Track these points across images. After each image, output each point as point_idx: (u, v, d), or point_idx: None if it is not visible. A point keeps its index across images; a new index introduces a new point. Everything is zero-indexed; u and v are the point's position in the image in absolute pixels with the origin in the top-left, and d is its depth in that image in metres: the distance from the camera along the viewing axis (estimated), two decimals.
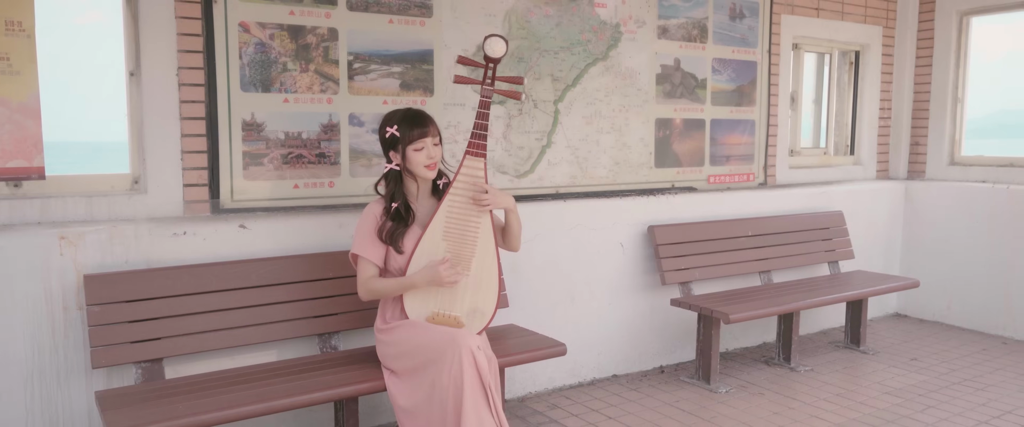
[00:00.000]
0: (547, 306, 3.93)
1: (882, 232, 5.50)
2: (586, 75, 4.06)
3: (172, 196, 3.05)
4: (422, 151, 2.71)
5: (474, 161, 2.75)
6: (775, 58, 4.88)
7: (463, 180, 2.75)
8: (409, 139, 2.70)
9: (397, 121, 2.73)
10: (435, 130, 2.76)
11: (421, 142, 2.71)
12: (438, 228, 2.72)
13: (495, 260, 2.75)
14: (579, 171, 4.10)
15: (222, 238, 3.02)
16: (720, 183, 4.71)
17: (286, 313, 3.03)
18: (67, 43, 32.84)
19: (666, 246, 4.20)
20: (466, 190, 2.74)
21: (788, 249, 4.73)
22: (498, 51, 2.76)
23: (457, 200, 2.74)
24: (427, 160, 2.73)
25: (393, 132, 2.71)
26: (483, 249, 2.74)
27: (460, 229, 2.73)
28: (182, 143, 3.05)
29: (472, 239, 2.73)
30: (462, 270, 2.70)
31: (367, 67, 3.41)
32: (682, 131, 4.50)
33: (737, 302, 4.04)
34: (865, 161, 5.58)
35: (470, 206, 2.73)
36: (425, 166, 2.73)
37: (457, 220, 2.73)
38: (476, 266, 2.73)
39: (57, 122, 7.14)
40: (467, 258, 2.73)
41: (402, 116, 2.74)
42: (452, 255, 2.71)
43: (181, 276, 2.85)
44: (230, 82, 3.11)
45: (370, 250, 2.72)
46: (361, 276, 2.74)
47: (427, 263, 2.69)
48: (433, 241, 2.72)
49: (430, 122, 2.75)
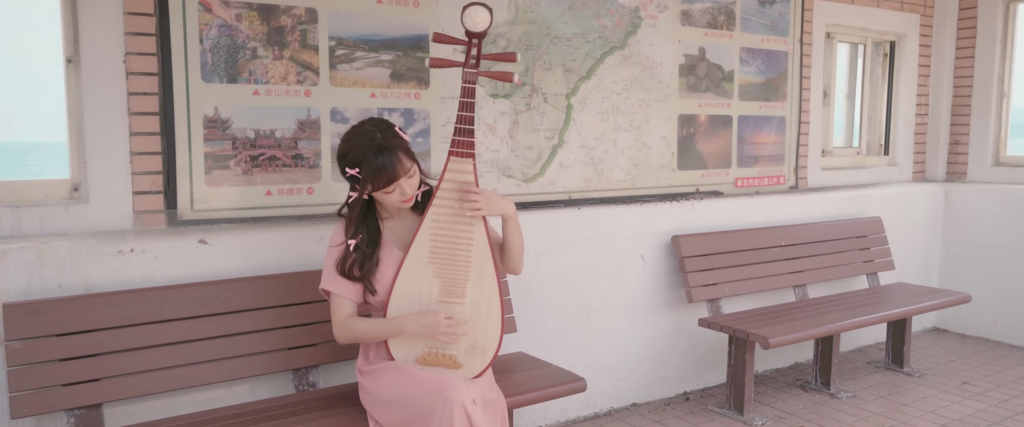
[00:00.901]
0: (558, 328, 3.45)
1: (920, 240, 5.03)
2: (602, 65, 3.59)
3: (119, 206, 2.57)
4: (394, 193, 2.21)
5: (460, 163, 2.26)
6: (807, 48, 4.41)
7: (448, 188, 2.26)
8: (377, 187, 2.18)
9: (361, 163, 2.16)
10: (408, 164, 2.20)
11: (393, 186, 2.20)
12: (422, 249, 2.24)
13: (495, 282, 2.27)
14: (594, 174, 3.62)
15: (178, 256, 2.54)
16: (748, 187, 4.23)
17: (255, 345, 2.55)
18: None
19: (693, 258, 3.72)
20: (453, 200, 2.26)
21: (824, 260, 4.26)
22: (480, 23, 2.23)
23: (443, 213, 2.25)
24: (401, 197, 2.23)
25: (354, 175, 2.19)
26: (479, 270, 2.25)
27: (449, 248, 2.24)
28: (131, 143, 2.57)
29: (465, 259, 2.24)
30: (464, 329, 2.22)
31: (352, 54, 2.93)
32: (707, 129, 4.02)
33: (773, 322, 3.58)
34: (900, 162, 5.11)
35: (459, 218, 2.25)
36: (401, 201, 2.24)
37: (445, 237, 2.24)
38: (472, 293, 2.25)
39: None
40: (460, 283, 2.24)
41: (367, 158, 2.15)
42: (442, 281, 2.23)
43: (126, 303, 2.37)
44: (189, 71, 2.64)
45: (342, 285, 2.24)
46: (335, 315, 2.26)
47: (423, 310, 2.21)
48: (417, 266, 2.23)
49: (397, 162, 2.16)
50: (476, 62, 2.29)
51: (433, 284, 2.23)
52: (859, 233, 4.48)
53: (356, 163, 2.16)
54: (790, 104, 4.38)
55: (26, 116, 2.60)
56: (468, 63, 2.28)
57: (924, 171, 5.26)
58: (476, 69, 2.28)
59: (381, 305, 2.26)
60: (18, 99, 2.60)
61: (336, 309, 2.25)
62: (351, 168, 2.17)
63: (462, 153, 2.25)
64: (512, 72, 2.37)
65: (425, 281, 2.23)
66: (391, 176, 2.16)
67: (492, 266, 2.26)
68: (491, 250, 2.26)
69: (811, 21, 4.41)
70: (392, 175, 2.16)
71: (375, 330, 2.22)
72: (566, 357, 3.43)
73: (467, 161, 2.25)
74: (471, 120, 2.25)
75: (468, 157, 2.25)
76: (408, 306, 2.23)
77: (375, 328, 2.22)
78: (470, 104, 2.25)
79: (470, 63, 2.28)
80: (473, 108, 2.26)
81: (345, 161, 2.19)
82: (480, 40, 2.28)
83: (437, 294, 2.23)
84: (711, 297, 3.74)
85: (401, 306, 2.23)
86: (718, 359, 4.03)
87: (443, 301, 2.23)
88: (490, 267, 2.26)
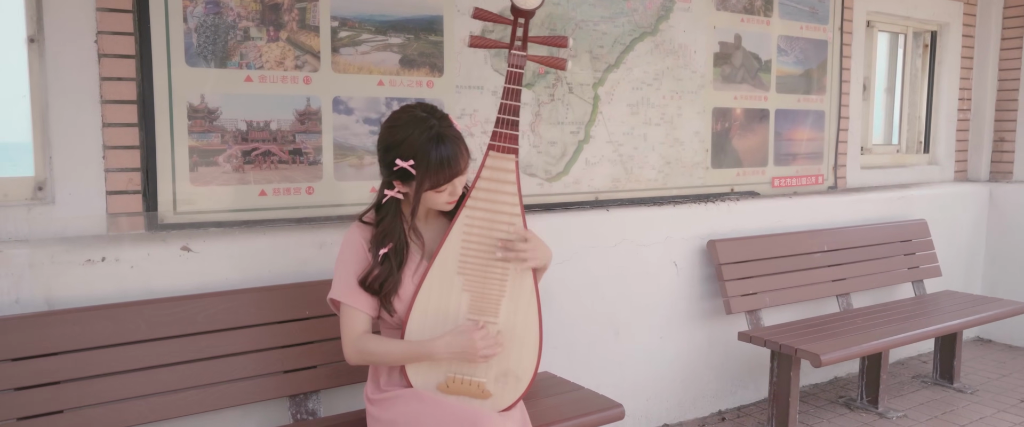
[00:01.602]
0: (586, 343, 3.12)
1: (963, 244, 4.70)
2: (632, 53, 3.25)
3: (90, 207, 2.23)
4: (445, 192, 1.87)
5: (501, 160, 1.93)
6: (847, 37, 4.08)
7: (486, 187, 1.93)
8: (434, 184, 1.84)
9: (417, 154, 1.81)
10: (466, 163, 1.88)
11: (448, 185, 1.87)
12: (451, 257, 1.90)
13: (533, 299, 1.94)
14: (623, 172, 3.28)
15: (157, 265, 2.21)
16: (785, 186, 3.90)
17: (246, 368, 2.22)
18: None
19: (730, 265, 3.38)
20: (491, 201, 1.92)
21: (868, 266, 3.93)
22: (531, 0, 1.93)
23: (478, 216, 1.92)
24: (450, 197, 1.89)
25: (407, 168, 1.83)
26: (516, 284, 1.92)
27: (483, 257, 1.91)
28: (104, 135, 2.23)
29: (500, 271, 1.91)
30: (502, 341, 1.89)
31: (357, 37, 2.60)
32: (743, 124, 3.69)
33: (820, 336, 3.24)
34: (942, 160, 4.77)
35: (496, 222, 1.91)
36: (449, 202, 1.91)
37: (478, 244, 1.91)
38: (507, 310, 1.92)
39: None
40: (493, 299, 1.91)
41: (426, 148, 1.81)
42: (472, 295, 1.90)
43: (95, 320, 2.03)
44: (171, 53, 2.30)
45: (357, 295, 1.90)
46: (348, 332, 1.91)
47: (455, 328, 1.86)
48: (444, 277, 1.90)
49: (463, 160, 1.86)
50: (523, 44, 1.96)
51: (461, 299, 1.90)
52: (903, 237, 4.15)
53: (411, 154, 1.81)
54: (829, 97, 4.04)
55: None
56: (514, 45, 1.95)
57: (966, 170, 4.92)
58: (524, 51, 1.95)
59: (398, 321, 1.92)
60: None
61: (349, 324, 1.91)
62: (404, 160, 1.81)
63: (504, 148, 1.91)
64: (565, 59, 2.05)
65: (452, 295, 1.89)
66: (454, 170, 1.83)
67: (531, 282, 1.93)
68: None
69: (851, 8, 4.07)
70: (455, 169, 1.83)
71: (397, 353, 1.87)
72: (594, 375, 3.10)
73: (510, 158, 1.91)
74: (517, 110, 1.92)
75: (511, 153, 1.91)
76: (431, 323, 1.89)
77: (397, 351, 1.87)
78: (516, 92, 1.92)
79: (516, 45, 1.95)
80: (520, 96, 1.93)
81: (395, 152, 1.82)
82: (528, 19, 1.96)
83: (465, 310, 1.90)
84: (751, 308, 3.40)
85: (423, 323, 1.89)
86: (755, 374, 3.69)
87: (471, 318, 1.89)
88: (529, 282, 1.92)
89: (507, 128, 1.92)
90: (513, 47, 1.95)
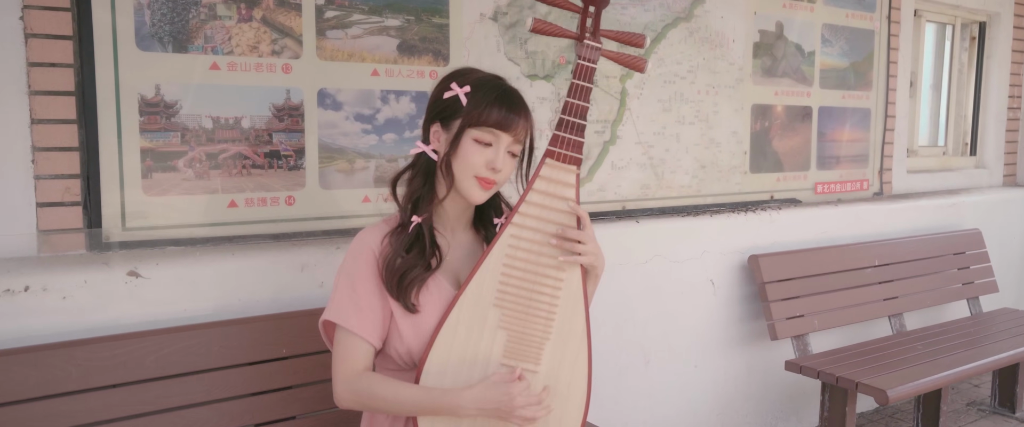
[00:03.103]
0: (614, 372, 2.71)
1: (1015, 255, 4.29)
2: (664, 41, 2.84)
3: (16, 223, 1.80)
4: (487, 149, 1.48)
5: (560, 171, 1.52)
6: (895, 27, 3.67)
7: (539, 202, 1.52)
8: (480, 119, 1.46)
9: (473, 82, 1.50)
10: (524, 129, 1.52)
11: (493, 133, 1.47)
12: (487, 286, 1.49)
13: (584, 345, 1.53)
14: (653, 178, 2.87)
15: (97, 295, 1.78)
16: (829, 193, 3.49)
17: (210, 422, 1.80)
18: None
19: (775, 284, 2.97)
20: (543, 222, 1.51)
21: (920, 283, 3.52)
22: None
23: (526, 237, 1.51)
24: (486, 166, 1.47)
25: (460, 94, 1.48)
26: (565, 326, 1.51)
27: (527, 290, 1.50)
28: (33, 134, 1.81)
29: (547, 309, 1.50)
30: (550, 403, 1.47)
31: (347, 17, 2.18)
32: (784, 123, 3.27)
33: (877, 365, 2.83)
34: (990, 163, 4.37)
35: (547, 248, 1.51)
36: (477, 176, 1.48)
37: (522, 273, 1.50)
38: (550, 357, 1.51)
39: None
40: (536, 342, 1.50)
41: (485, 79, 1.52)
42: (510, 335, 1.49)
43: (13, 366, 1.61)
44: (118, 34, 1.88)
45: (361, 317, 1.48)
46: (344, 365, 1.49)
47: (486, 379, 1.45)
48: (476, 309, 1.49)
49: (524, 111, 1.51)
50: (594, 34, 1.56)
51: (496, 338, 1.49)
52: (957, 249, 3.74)
53: (469, 81, 1.51)
54: (876, 94, 3.63)
55: None
56: (585, 36, 1.56)
57: (1015, 174, 4.51)
58: (599, 44, 1.56)
59: (406, 359, 1.50)
60: None
61: (346, 355, 1.48)
62: (457, 84, 1.50)
63: (566, 157, 1.52)
64: (645, 59, 1.64)
65: (485, 332, 1.48)
66: (510, 116, 1.47)
67: (583, 323, 1.52)
68: (585, 300, 1.52)
69: None
70: (511, 114, 1.48)
71: (409, 401, 1.45)
72: (620, 411, 2.69)
73: (571, 169, 1.52)
74: (585, 112, 1.54)
75: (573, 164, 1.53)
76: (455, 364, 1.48)
77: (409, 399, 1.44)
78: (586, 90, 1.53)
79: (587, 35, 1.56)
80: (589, 96, 1.54)
81: (453, 77, 1.53)
82: (599, 8, 1.58)
83: (499, 352, 1.49)
84: (798, 332, 2.99)
85: (446, 364, 1.48)
86: (797, 406, 3.28)
87: (507, 364, 1.48)
88: (580, 324, 1.52)
89: (571, 133, 1.52)
90: (585, 38, 1.56)
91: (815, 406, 3.31)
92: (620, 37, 1.58)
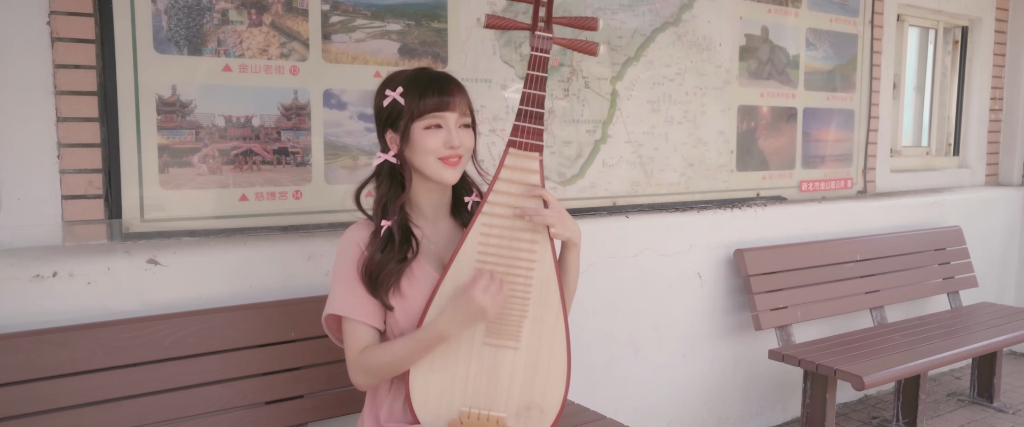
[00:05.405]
0: (603, 362, 2.83)
1: (996, 252, 4.42)
2: (653, 44, 2.97)
3: (42, 214, 1.94)
4: (439, 131, 1.60)
5: (523, 159, 1.64)
6: (878, 31, 3.80)
7: (505, 190, 1.64)
8: (421, 110, 1.58)
9: (403, 82, 1.62)
10: (464, 102, 1.64)
11: (437, 116, 1.60)
12: (465, 270, 1.61)
13: (560, 321, 1.65)
14: (643, 175, 3.00)
15: (119, 281, 1.91)
16: (813, 191, 3.62)
17: (222, 399, 1.92)
18: None
19: (759, 277, 3.10)
20: (511, 207, 1.64)
21: (902, 277, 3.65)
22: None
23: (496, 222, 1.63)
24: (445, 147, 1.60)
25: (396, 97, 1.60)
26: (540, 304, 1.64)
27: (502, 272, 1.62)
28: (59, 131, 1.94)
29: (522, 289, 1.62)
30: (506, 287, 1.60)
31: (351, 22, 2.31)
32: (770, 123, 3.41)
33: (857, 355, 2.96)
34: (972, 163, 4.50)
35: (518, 231, 1.63)
36: (440, 158, 1.61)
37: (497, 256, 1.62)
38: (529, 335, 1.63)
39: None
40: (514, 321, 1.62)
41: (412, 75, 1.63)
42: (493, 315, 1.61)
43: (43, 346, 1.74)
44: (137, 38, 2.01)
45: (359, 304, 1.61)
46: (351, 350, 1.62)
47: (455, 297, 1.57)
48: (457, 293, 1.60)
49: (456, 88, 1.63)
50: (547, 24, 1.67)
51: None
52: (937, 245, 3.87)
53: (399, 82, 1.63)
54: (859, 95, 3.76)
55: None
56: (538, 26, 1.66)
57: (997, 174, 4.65)
58: (549, 33, 1.66)
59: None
60: None
61: (351, 342, 1.61)
62: (391, 89, 1.62)
63: (527, 145, 1.63)
64: (596, 42, 1.75)
65: None
66: (443, 97, 1.59)
67: (558, 300, 1.64)
68: (558, 278, 1.64)
69: (883, 0, 3.80)
70: (444, 96, 1.59)
71: (403, 352, 1.57)
72: (612, 398, 2.82)
73: (533, 157, 1.63)
74: (541, 101, 1.63)
75: (534, 151, 1.63)
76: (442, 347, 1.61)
77: (403, 350, 1.57)
78: (541, 79, 1.63)
79: (540, 25, 1.66)
80: (545, 85, 1.64)
81: (386, 84, 1.65)
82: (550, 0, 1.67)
83: (481, 333, 1.61)
84: (782, 323, 3.12)
85: None
86: (783, 394, 3.41)
87: (489, 344, 1.61)
88: (555, 301, 1.64)
89: (530, 122, 1.63)
90: (537, 29, 1.66)
91: (799, 394, 3.43)
92: (572, 22, 1.68)
